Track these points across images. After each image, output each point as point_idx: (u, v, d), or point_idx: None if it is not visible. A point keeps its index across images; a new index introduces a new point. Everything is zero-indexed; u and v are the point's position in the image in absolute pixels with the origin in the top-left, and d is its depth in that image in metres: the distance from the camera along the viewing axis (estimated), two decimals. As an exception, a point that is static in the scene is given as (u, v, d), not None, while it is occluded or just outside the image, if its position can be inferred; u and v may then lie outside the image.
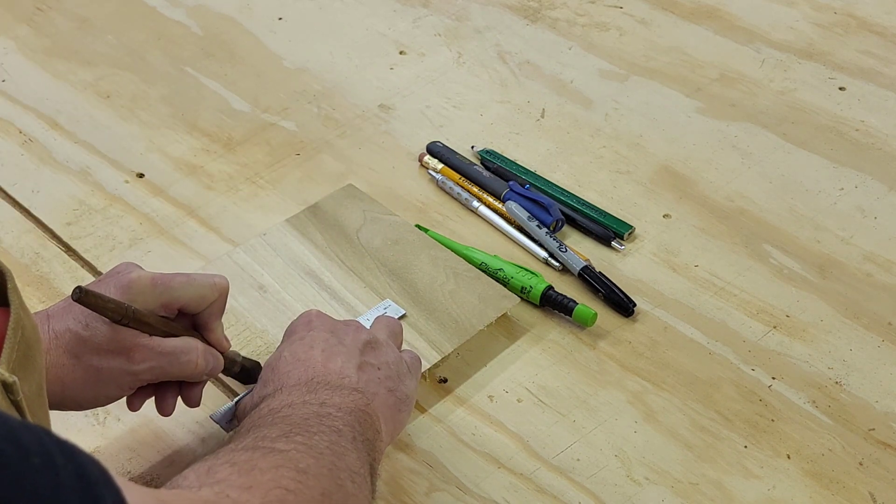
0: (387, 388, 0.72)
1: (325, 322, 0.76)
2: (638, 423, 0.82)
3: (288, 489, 0.58)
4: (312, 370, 0.71)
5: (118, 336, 0.69)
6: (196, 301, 0.73)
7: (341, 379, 0.70)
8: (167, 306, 0.72)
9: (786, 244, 0.95)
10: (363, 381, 0.71)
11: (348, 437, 0.65)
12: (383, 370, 0.73)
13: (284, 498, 0.58)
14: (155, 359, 0.71)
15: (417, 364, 0.78)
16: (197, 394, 0.76)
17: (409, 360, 0.77)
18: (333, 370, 0.71)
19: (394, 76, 1.15)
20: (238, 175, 1.03)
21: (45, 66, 1.17)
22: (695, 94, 1.12)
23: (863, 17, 1.21)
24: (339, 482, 0.62)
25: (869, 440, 0.80)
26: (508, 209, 0.96)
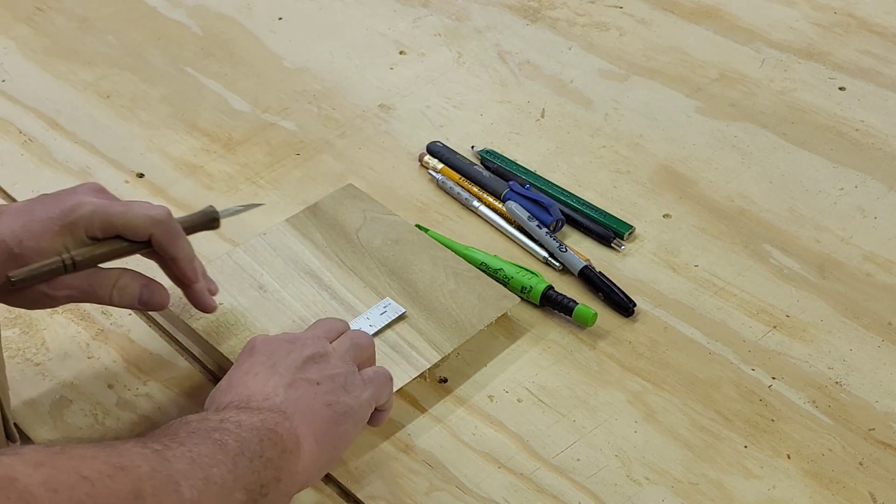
0: (324, 403, 0.72)
1: (268, 346, 0.75)
2: (638, 423, 0.82)
3: (85, 477, 0.56)
4: (238, 394, 0.71)
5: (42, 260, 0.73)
6: (131, 230, 0.75)
7: (264, 401, 0.70)
8: (104, 232, 0.75)
9: (786, 244, 0.95)
10: (290, 400, 0.71)
11: (232, 450, 0.64)
12: (323, 384, 0.73)
13: (76, 484, 0.56)
14: (72, 287, 0.75)
15: (382, 379, 0.76)
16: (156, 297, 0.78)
17: (371, 374, 0.76)
18: (258, 392, 0.71)
19: (394, 76, 1.15)
20: (238, 175, 1.03)
21: (45, 66, 1.17)
22: (695, 94, 1.12)
23: (863, 17, 1.21)
24: (173, 487, 0.60)
25: (869, 440, 0.80)
26: (508, 209, 0.96)
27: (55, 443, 0.59)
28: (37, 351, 0.87)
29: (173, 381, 0.85)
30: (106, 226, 0.75)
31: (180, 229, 0.77)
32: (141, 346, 0.88)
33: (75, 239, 0.75)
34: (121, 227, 0.75)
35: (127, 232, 0.76)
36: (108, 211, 0.75)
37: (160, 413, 0.83)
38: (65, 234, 0.74)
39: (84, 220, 0.74)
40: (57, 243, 0.74)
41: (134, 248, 0.77)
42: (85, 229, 0.75)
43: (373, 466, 0.79)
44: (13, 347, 0.87)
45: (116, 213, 0.75)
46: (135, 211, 0.75)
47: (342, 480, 0.78)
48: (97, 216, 0.75)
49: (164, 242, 0.76)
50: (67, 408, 0.83)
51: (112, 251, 0.76)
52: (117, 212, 0.75)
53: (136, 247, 0.77)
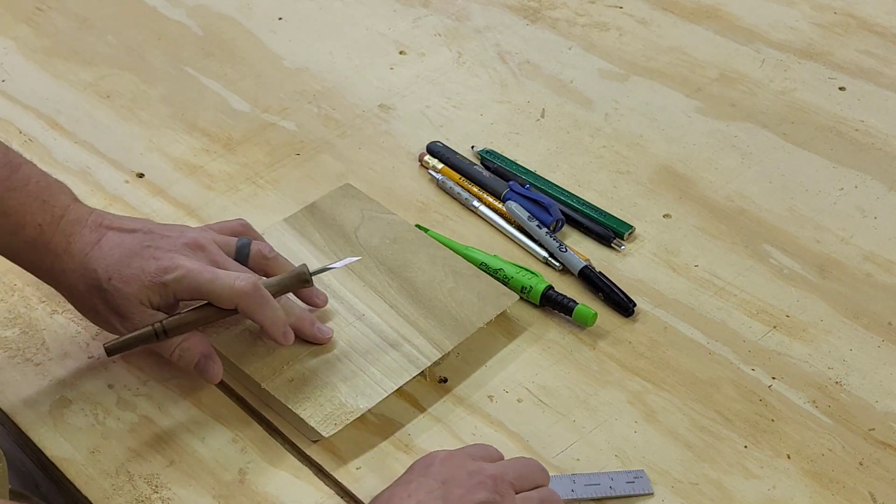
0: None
1: (445, 469, 0.71)
2: (638, 423, 0.82)
3: None
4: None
5: (125, 304, 0.78)
6: (217, 300, 0.79)
7: None
8: (192, 297, 0.79)
9: (786, 244, 0.95)
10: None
11: None
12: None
13: None
14: None
15: None
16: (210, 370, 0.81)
17: None
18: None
19: (394, 76, 1.15)
20: (238, 175, 1.03)
21: (45, 66, 1.17)
22: (695, 94, 1.12)
23: (863, 17, 1.21)
24: None
25: (869, 440, 0.80)
26: (508, 209, 0.96)
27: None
28: (37, 351, 0.87)
29: (173, 382, 0.85)
30: (194, 292, 0.79)
31: (267, 297, 0.79)
32: (141, 346, 0.88)
33: (163, 297, 0.79)
34: (207, 296, 0.79)
35: (213, 301, 0.79)
36: (197, 279, 0.78)
37: (160, 413, 0.83)
38: (153, 291, 0.78)
39: (174, 283, 0.78)
40: (143, 296, 0.78)
41: (222, 314, 0.80)
42: (174, 293, 0.79)
43: (373, 466, 0.79)
44: (13, 347, 0.87)
45: (204, 282, 0.78)
46: (221, 282, 0.78)
47: (342, 480, 0.78)
48: (186, 282, 0.78)
49: (249, 313, 0.79)
50: (67, 408, 0.83)
51: (201, 318, 0.80)
52: (205, 280, 0.78)
53: (224, 313, 0.80)
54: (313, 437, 0.80)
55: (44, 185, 0.81)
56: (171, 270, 0.78)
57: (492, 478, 0.71)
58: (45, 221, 0.79)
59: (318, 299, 0.86)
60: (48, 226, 0.79)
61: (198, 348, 0.80)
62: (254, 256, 0.84)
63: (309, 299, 0.86)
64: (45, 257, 0.80)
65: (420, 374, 0.83)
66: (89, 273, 0.79)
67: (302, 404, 0.80)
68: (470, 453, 0.74)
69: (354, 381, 0.82)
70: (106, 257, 0.79)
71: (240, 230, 0.87)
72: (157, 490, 0.78)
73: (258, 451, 0.80)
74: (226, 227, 0.87)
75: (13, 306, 0.91)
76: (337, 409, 0.80)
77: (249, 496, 0.77)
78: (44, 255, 0.80)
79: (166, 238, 0.81)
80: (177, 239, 0.81)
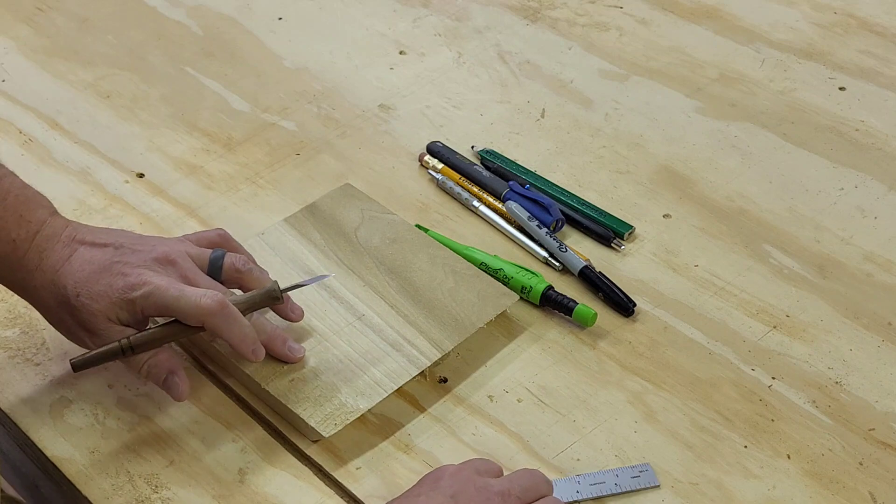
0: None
1: (455, 483, 0.72)
2: (638, 423, 0.82)
3: None
4: None
5: (93, 320, 0.78)
6: (184, 318, 0.78)
7: None
8: (160, 314, 0.79)
9: (786, 244, 0.95)
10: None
11: None
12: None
13: None
14: None
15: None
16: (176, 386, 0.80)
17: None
18: None
19: (394, 76, 1.15)
20: (238, 175, 1.03)
21: (45, 66, 1.17)
22: (695, 94, 1.12)
23: (863, 17, 1.21)
24: None
25: (869, 440, 0.80)
26: (508, 209, 0.96)
27: None
28: (37, 351, 0.87)
29: (173, 381, 0.85)
30: (161, 309, 0.78)
31: (235, 314, 0.78)
32: (141, 346, 0.88)
33: (130, 314, 0.78)
34: (174, 313, 0.78)
35: (180, 318, 0.78)
36: (163, 295, 0.77)
37: (160, 413, 0.83)
38: (120, 307, 0.78)
39: (141, 300, 0.78)
40: (111, 312, 0.78)
41: (189, 331, 0.79)
42: (142, 309, 0.78)
43: (373, 466, 0.79)
44: (13, 347, 0.87)
45: (170, 299, 0.77)
46: (187, 299, 0.77)
47: (342, 480, 0.78)
48: (153, 299, 0.78)
49: (216, 331, 0.78)
50: (67, 408, 0.83)
51: (168, 335, 0.79)
52: (171, 297, 0.77)
53: (191, 330, 0.79)
54: (313, 437, 0.80)
55: (22, 199, 0.81)
56: (138, 287, 0.77)
57: (499, 494, 0.72)
58: (20, 237, 0.79)
59: (292, 314, 0.85)
60: (22, 241, 0.79)
61: (165, 364, 0.80)
62: (227, 270, 0.83)
63: (284, 314, 0.84)
64: (17, 272, 0.80)
65: (420, 374, 0.83)
66: (59, 289, 0.79)
67: (302, 404, 0.80)
68: (476, 468, 0.74)
69: (354, 381, 0.82)
70: (75, 273, 0.79)
71: (217, 241, 0.86)
72: (157, 490, 0.78)
73: (258, 451, 0.80)
74: (203, 237, 0.86)
75: (13, 306, 0.91)
76: (337, 409, 0.80)
77: (249, 496, 0.77)
78: (16, 270, 0.80)
79: (136, 253, 0.80)
80: (147, 254, 0.80)
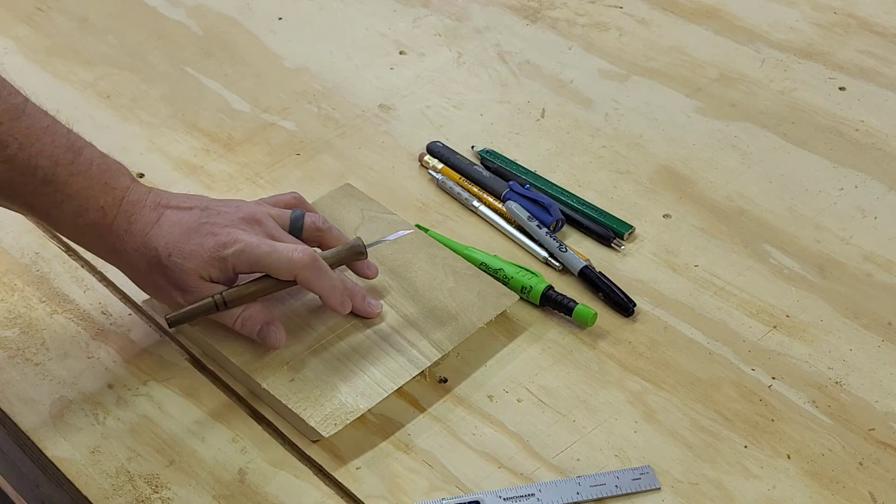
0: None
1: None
2: (638, 423, 0.82)
3: None
4: None
5: (185, 278, 0.80)
6: (276, 272, 0.81)
7: None
8: (251, 270, 0.82)
9: (786, 244, 0.95)
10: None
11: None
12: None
13: None
14: None
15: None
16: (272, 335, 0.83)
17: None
18: None
19: (394, 76, 1.15)
20: (238, 175, 1.03)
21: (45, 66, 1.17)
22: (695, 94, 1.12)
23: (863, 17, 1.21)
24: None
25: (869, 440, 0.80)
26: (508, 209, 0.96)
27: None
28: (37, 351, 0.87)
29: (173, 381, 0.85)
30: (252, 265, 0.81)
31: (325, 268, 0.82)
32: (141, 346, 0.88)
33: (222, 271, 0.81)
34: (266, 269, 0.81)
35: (272, 272, 0.81)
36: (255, 252, 0.80)
37: (160, 413, 0.83)
38: (213, 265, 0.81)
39: (233, 257, 0.80)
40: (203, 270, 0.81)
41: (281, 285, 0.82)
42: (233, 266, 0.81)
43: (373, 466, 0.79)
44: (13, 347, 0.87)
45: (262, 254, 0.80)
46: (279, 254, 0.80)
47: (342, 480, 0.78)
48: (244, 256, 0.80)
49: (308, 284, 0.82)
50: (67, 408, 0.83)
51: (260, 290, 0.82)
52: (263, 253, 0.80)
53: (282, 284, 0.82)
54: (313, 437, 0.80)
55: (104, 167, 0.82)
56: (229, 245, 0.80)
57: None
58: (108, 204, 0.81)
59: (369, 271, 0.88)
60: (110, 208, 0.81)
61: (259, 317, 0.83)
62: (307, 228, 0.86)
63: (361, 272, 0.87)
64: (107, 238, 0.82)
65: (420, 374, 0.83)
66: (150, 251, 0.81)
67: (302, 404, 0.80)
68: None
69: (354, 381, 0.82)
70: (165, 235, 0.81)
71: (293, 203, 0.90)
72: (157, 490, 0.78)
73: (258, 451, 0.80)
74: (280, 200, 0.89)
75: (13, 306, 0.91)
76: (337, 409, 0.80)
77: (249, 496, 0.77)
78: (106, 236, 0.82)
79: (223, 214, 0.83)
80: (233, 214, 0.83)
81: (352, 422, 0.80)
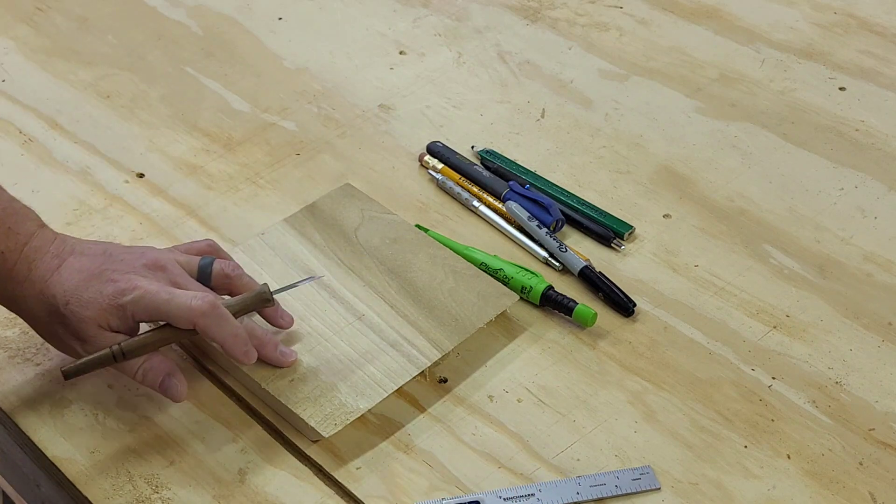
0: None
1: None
2: (638, 423, 0.82)
3: None
4: None
5: (83, 327, 0.78)
6: (175, 321, 0.78)
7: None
8: (150, 318, 0.79)
9: (786, 244, 0.95)
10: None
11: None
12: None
13: None
14: None
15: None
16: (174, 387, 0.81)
17: None
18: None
19: (394, 76, 1.15)
20: (238, 175, 1.03)
21: (45, 66, 1.17)
22: (695, 94, 1.12)
23: (863, 17, 1.21)
24: None
25: (869, 440, 0.80)
26: (508, 209, 0.96)
27: None
28: (37, 351, 0.87)
29: (173, 381, 0.85)
30: (152, 313, 0.79)
31: (226, 316, 0.79)
32: (141, 346, 0.88)
33: (121, 319, 0.79)
34: (165, 317, 0.79)
35: (171, 321, 0.79)
36: (154, 300, 0.78)
37: (160, 413, 0.83)
38: (111, 313, 0.78)
39: (131, 304, 0.78)
40: (102, 318, 0.78)
41: (181, 335, 0.80)
42: (132, 314, 0.79)
43: (373, 466, 0.79)
44: (13, 347, 0.87)
45: (161, 302, 0.78)
46: (178, 301, 0.78)
47: (342, 480, 0.78)
48: (143, 303, 0.78)
49: (207, 332, 0.79)
50: (67, 408, 0.83)
51: (160, 339, 0.79)
52: (162, 301, 0.78)
53: (183, 334, 0.79)
54: (313, 437, 0.80)
55: (10, 211, 0.81)
56: (128, 292, 0.78)
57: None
58: (8, 248, 0.80)
59: (282, 320, 0.84)
60: (11, 253, 0.80)
61: (161, 367, 0.80)
62: (216, 276, 0.83)
63: (273, 320, 0.84)
64: (6, 284, 0.80)
65: (420, 374, 0.83)
66: (48, 299, 0.79)
67: (302, 404, 0.80)
68: None
69: (354, 381, 0.82)
70: (65, 282, 0.79)
71: (206, 251, 0.86)
72: (157, 490, 0.78)
73: (258, 451, 0.80)
74: (192, 247, 0.86)
75: (13, 306, 0.91)
76: (337, 409, 0.80)
77: (249, 496, 0.77)
78: (6, 281, 0.80)
79: (125, 261, 0.81)
80: (136, 261, 0.81)
81: (352, 422, 0.80)
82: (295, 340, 0.85)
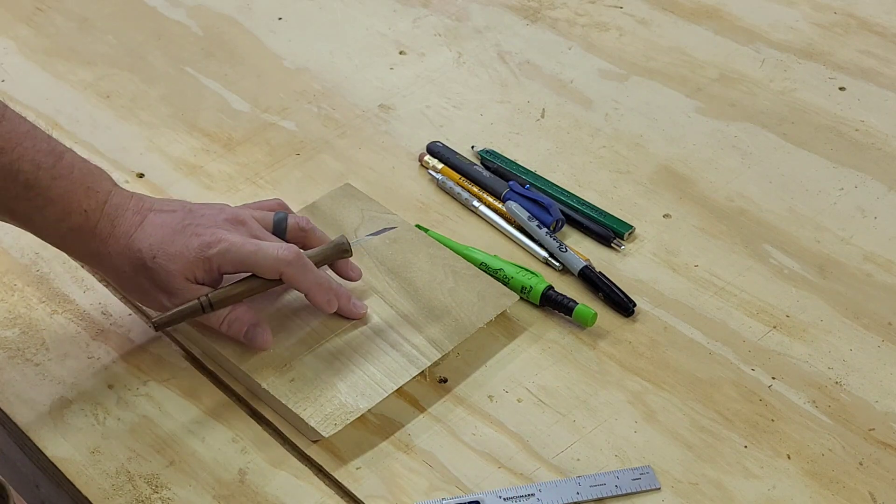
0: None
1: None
2: (638, 423, 0.82)
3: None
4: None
5: (170, 280, 0.80)
6: (261, 271, 0.81)
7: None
8: (236, 270, 0.81)
9: (786, 244, 0.95)
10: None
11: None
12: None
13: None
14: None
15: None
16: None
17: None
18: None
19: (394, 76, 1.15)
20: (238, 175, 1.03)
21: (45, 66, 1.17)
22: (695, 94, 1.12)
23: (863, 17, 1.21)
24: None
25: (869, 440, 0.80)
26: (508, 209, 0.96)
27: None
28: (37, 351, 0.87)
29: (173, 382, 0.85)
30: (238, 265, 0.81)
31: (310, 266, 0.82)
32: (141, 346, 0.88)
33: (207, 272, 0.81)
34: (252, 268, 0.81)
35: (257, 271, 0.81)
36: (240, 251, 0.80)
37: (160, 413, 0.83)
38: (197, 266, 0.80)
39: (218, 257, 0.80)
40: (188, 271, 0.81)
41: (267, 285, 0.82)
42: (218, 266, 0.81)
43: (373, 466, 0.79)
44: (13, 347, 0.87)
45: (247, 253, 0.80)
46: (264, 252, 0.80)
47: (342, 480, 0.78)
48: (230, 255, 0.80)
49: (293, 281, 0.82)
50: (67, 408, 0.83)
51: (246, 290, 0.82)
52: (248, 252, 0.80)
53: (268, 283, 0.82)
54: (313, 437, 0.80)
55: (86, 171, 0.82)
56: (214, 245, 0.80)
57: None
58: (90, 207, 0.81)
59: (353, 273, 0.87)
60: (93, 212, 0.81)
61: (245, 318, 0.82)
62: (291, 229, 0.86)
63: (344, 273, 0.87)
64: (90, 242, 0.81)
65: (420, 374, 0.83)
66: (134, 253, 0.81)
67: (302, 404, 0.80)
68: None
69: (354, 381, 0.82)
70: (149, 237, 0.81)
71: (276, 207, 0.89)
72: (157, 490, 0.78)
73: (258, 451, 0.80)
74: (264, 204, 0.89)
75: (13, 306, 0.91)
76: (337, 409, 0.80)
77: (249, 496, 0.77)
78: (90, 240, 0.81)
79: (206, 215, 0.83)
80: (217, 216, 0.83)
81: (352, 422, 0.80)
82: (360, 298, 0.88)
